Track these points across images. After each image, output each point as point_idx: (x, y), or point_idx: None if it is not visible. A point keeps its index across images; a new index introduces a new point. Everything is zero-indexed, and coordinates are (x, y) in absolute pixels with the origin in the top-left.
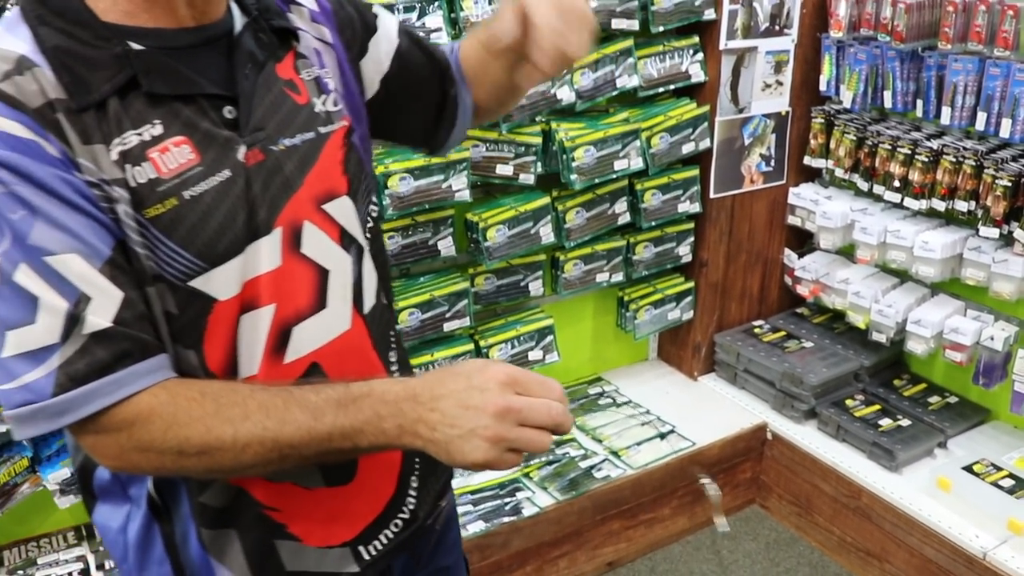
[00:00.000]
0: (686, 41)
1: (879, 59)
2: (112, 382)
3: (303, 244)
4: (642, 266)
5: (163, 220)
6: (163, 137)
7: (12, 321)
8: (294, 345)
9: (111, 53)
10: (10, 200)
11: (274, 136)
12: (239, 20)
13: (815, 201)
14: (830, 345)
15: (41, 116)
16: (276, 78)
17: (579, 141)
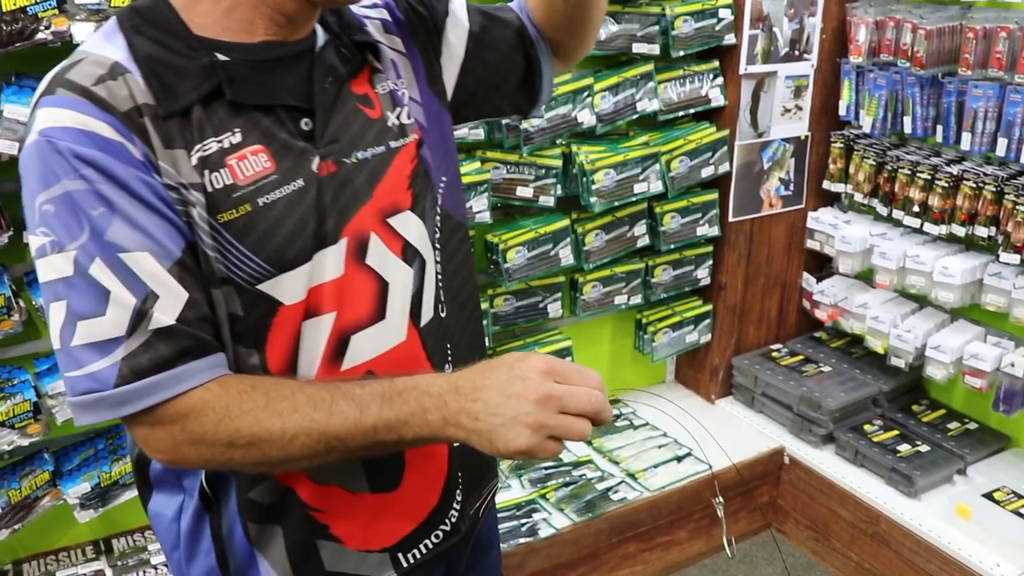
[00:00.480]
0: (706, 66)
1: (899, 85)
2: (171, 377)
3: (368, 255)
4: (660, 289)
5: (236, 225)
6: (242, 145)
7: (84, 312)
8: (351, 353)
9: (199, 63)
10: (93, 197)
11: (347, 149)
12: (321, 36)
13: (834, 225)
14: (848, 370)
15: (128, 119)
16: (352, 93)
17: (599, 164)
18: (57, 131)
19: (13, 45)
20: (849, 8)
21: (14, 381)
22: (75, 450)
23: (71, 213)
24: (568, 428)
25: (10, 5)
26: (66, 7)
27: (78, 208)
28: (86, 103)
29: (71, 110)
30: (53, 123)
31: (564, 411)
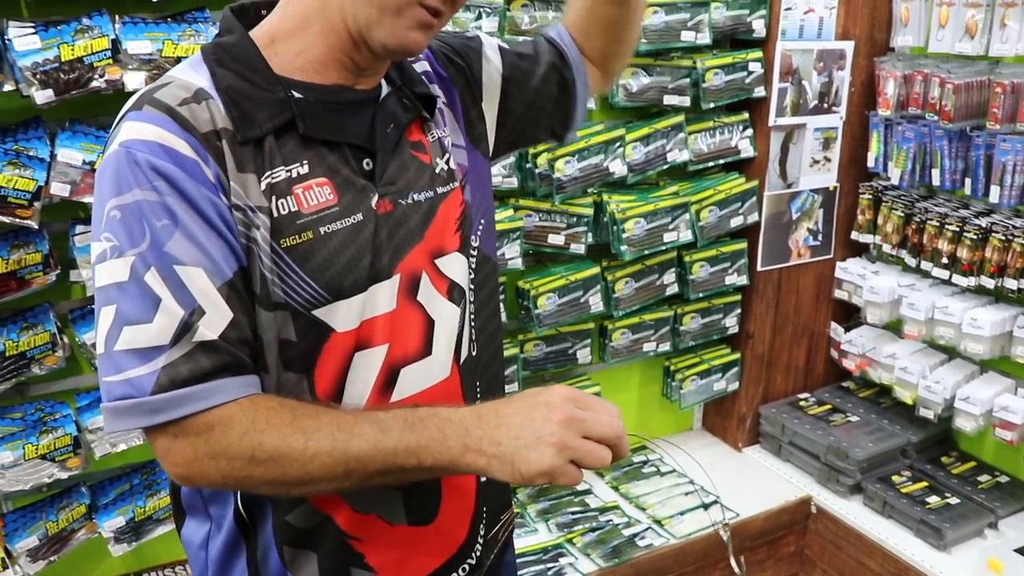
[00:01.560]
0: (736, 117)
1: (927, 137)
2: (207, 389)
3: (419, 292)
4: (689, 336)
5: (298, 250)
6: (308, 176)
7: (132, 317)
8: (401, 386)
9: (276, 97)
10: (160, 208)
11: (404, 191)
12: (385, 87)
13: (862, 276)
14: (876, 420)
15: (207, 140)
16: (407, 140)
17: (630, 213)
18: (138, 143)
19: (69, 93)
20: (877, 62)
21: (56, 415)
22: (111, 484)
23: (136, 221)
24: (590, 452)
25: (68, 55)
26: (119, 57)
27: (144, 217)
28: (169, 120)
29: (154, 125)
30: (135, 135)
31: (587, 435)
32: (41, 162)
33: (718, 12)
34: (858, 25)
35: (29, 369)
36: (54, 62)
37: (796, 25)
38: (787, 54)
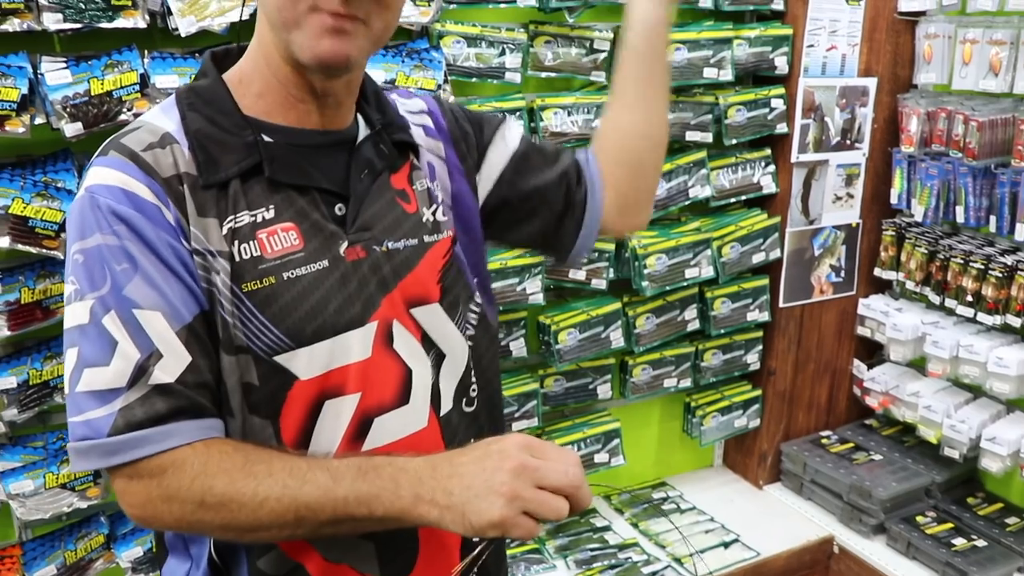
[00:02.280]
0: (758, 153)
1: (951, 175)
2: (162, 432)
3: (395, 341)
4: (710, 373)
5: (259, 295)
6: (274, 221)
7: (90, 359)
8: (373, 435)
9: (244, 141)
10: (120, 252)
11: (379, 237)
12: (363, 130)
13: (885, 313)
14: (900, 459)
15: (168, 185)
16: (389, 186)
17: (651, 249)
18: (101, 188)
19: (98, 125)
20: (900, 99)
21: None
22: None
23: (97, 264)
24: (543, 503)
25: (98, 89)
26: (147, 91)
27: (104, 261)
28: (132, 166)
29: (117, 170)
30: (100, 180)
31: (540, 485)
32: (69, 194)
33: (740, 49)
34: (881, 62)
35: (52, 398)
36: (84, 96)
37: (819, 62)
38: (810, 91)
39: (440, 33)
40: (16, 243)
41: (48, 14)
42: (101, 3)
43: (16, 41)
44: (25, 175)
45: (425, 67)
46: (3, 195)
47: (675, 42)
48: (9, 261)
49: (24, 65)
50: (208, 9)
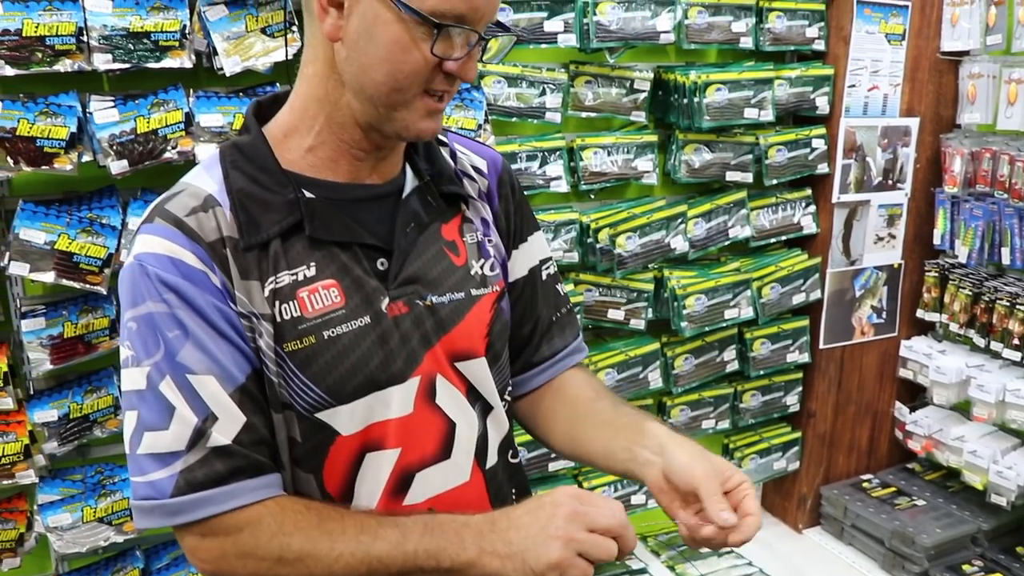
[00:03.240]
0: (799, 193)
1: (996, 215)
2: (224, 493)
3: (437, 395)
4: (749, 414)
5: (300, 355)
6: (315, 279)
7: (150, 424)
8: (414, 490)
9: (285, 199)
10: (170, 320)
11: (423, 292)
12: (411, 181)
13: (928, 355)
14: (944, 504)
15: (213, 250)
16: (439, 237)
17: (691, 289)
18: (149, 257)
19: (143, 163)
20: (943, 139)
21: (115, 479)
22: (165, 549)
23: (150, 332)
24: (595, 544)
25: (144, 127)
26: (192, 129)
27: (157, 328)
28: (177, 232)
29: (164, 238)
30: (147, 249)
31: (591, 528)
32: (113, 230)
33: (781, 89)
34: (923, 102)
35: (91, 431)
36: (130, 134)
37: (860, 102)
38: (851, 131)
39: (481, 73)
40: (61, 278)
41: (98, 55)
42: (149, 44)
43: (67, 81)
44: (71, 211)
45: (466, 107)
46: (49, 231)
47: (716, 83)
48: (53, 296)
49: (74, 104)
50: (253, 49)
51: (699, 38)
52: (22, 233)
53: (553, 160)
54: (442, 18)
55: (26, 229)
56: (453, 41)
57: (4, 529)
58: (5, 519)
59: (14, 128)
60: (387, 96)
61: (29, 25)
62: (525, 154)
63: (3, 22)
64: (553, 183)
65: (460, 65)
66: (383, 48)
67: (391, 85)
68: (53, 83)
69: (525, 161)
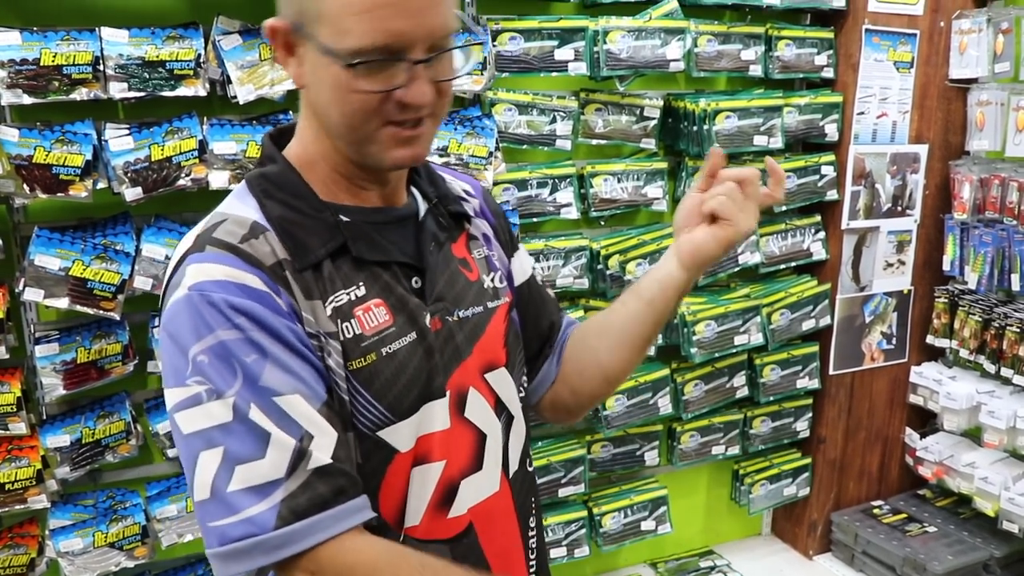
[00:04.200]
0: (808, 220)
1: (1006, 242)
2: (330, 517)
3: (467, 408)
4: (759, 440)
5: (364, 373)
6: (366, 298)
7: (242, 456)
8: (459, 502)
9: (325, 223)
10: (245, 344)
11: (451, 308)
12: (422, 206)
13: (938, 381)
14: (955, 531)
15: (274, 273)
16: (452, 256)
17: (700, 315)
18: (209, 284)
19: (157, 190)
20: (952, 166)
21: (126, 504)
22: (176, 574)
23: (225, 361)
24: None
25: (158, 155)
26: (205, 157)
27: (232, 355)
28: (235, 258)
29: (221, 264)
30: (205, 277)
31: None
32: (127, 256)
33: (790, 116)
34: (932, 129)
35: (103, 456)
36: (144, 161)
37: (869, 129)
38: (860, 158)
39: (492, 101)
40: (75, 304)
41: (114, 83)
42: (164, 72)
43: (83, 109)
44: (86, 238)
45: (477, 134)
46: (64, 257)
47: (726, 110)
48: (67, 321)
49: (89, 132)
50: (266, 78)
51: (709, 66)
52: (37, 259)
53: (563, 187)
54: (367, 53)
55: (41, 255)
56: (389, 71)
57: (16, 554)
58: (17, 544)
59: (31, 156)
60: (348, 135)
61: (47, 55)
62: (536, 181)
63: (22, 52)
64: (563, 210)
65: (407, 91)
66: (328, 91)
67: (346, 125)
68: (69, 111)
69: (536, 188)
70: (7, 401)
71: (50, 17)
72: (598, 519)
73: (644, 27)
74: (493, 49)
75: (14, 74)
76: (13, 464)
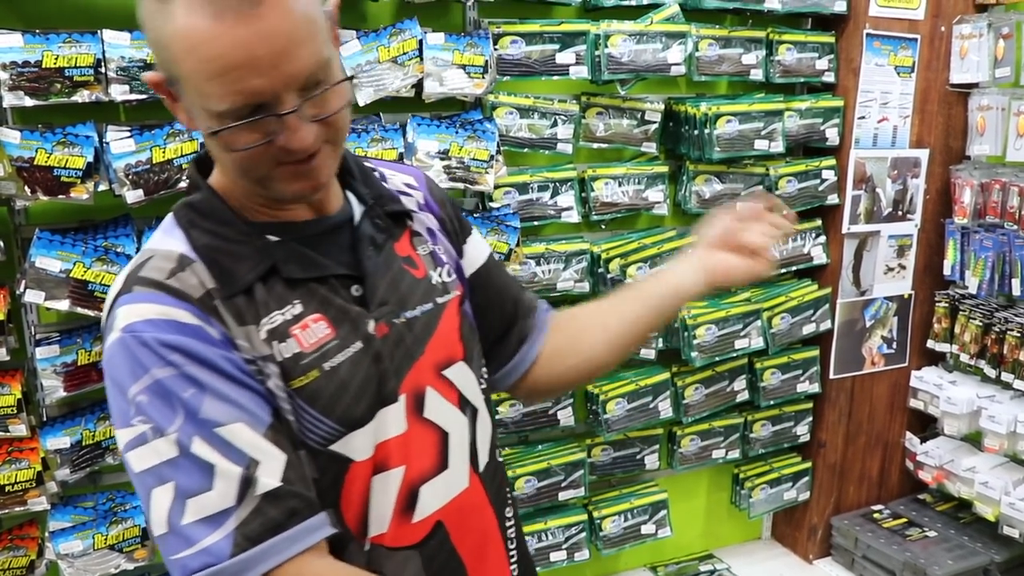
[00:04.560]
0: (809, 224)
1: (1006, 247)
2: (285, 539)
3: (426, 409)
4: (759, 444)
5: (307, 390)
6: (303, 315)
7: (191, 489)
8: (421, 505)
9: (252, 247)
10: (182, 380)
11: (396, 310)
12: (358, 209)
13: (939, 385)
14: (956, 536)
15: (203, 304)
16: (395, 256)
17: (701, 319)
18: (140, 324)
19: (158, 192)
20: (953, 170)
21: (126, 506)
22: None
23: (163, 399)
24: None
25: (159, 157)
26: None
27: (169, 393)
28: (163, 295)
29: (150, 303)
30: (136, 317)
31: None
32: (128, 258)
33: (791, 121)
34: (933, 133)
35: (103, 459)
36: (146, 164)
37: (870, 134)
38: (861, 162)
39: (493, 104)
40: (75, 306)
41: (116, 86)
42: None
43: (84, 111)
44: (87, 240)
45: (478, 138)
46: (65, 259)
47: (727, 114)
48: (68, 323)
49: (91, 134)
50: None
51: (710, 70)
52: (38, 261)
53: (564, 191)
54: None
55: (42, 257)
56: (261, 125)
57: (15, 556)
58: (16, 546)
59: (32, 158)
60: (243, 177)
61: (49, 57)
62: (536, 184)
63: (24, 54)
64: (564, 213)
65: (287, 139)
66: (213, 145)
67: (236, 171)
68: (71, 114)
69: (536, 192)
70: (7, 403)
71: (52, 20)
72: (598, 523)
73: (645, 31)
74: (494, 53)
75: (16, 76)
76: (13, 466)
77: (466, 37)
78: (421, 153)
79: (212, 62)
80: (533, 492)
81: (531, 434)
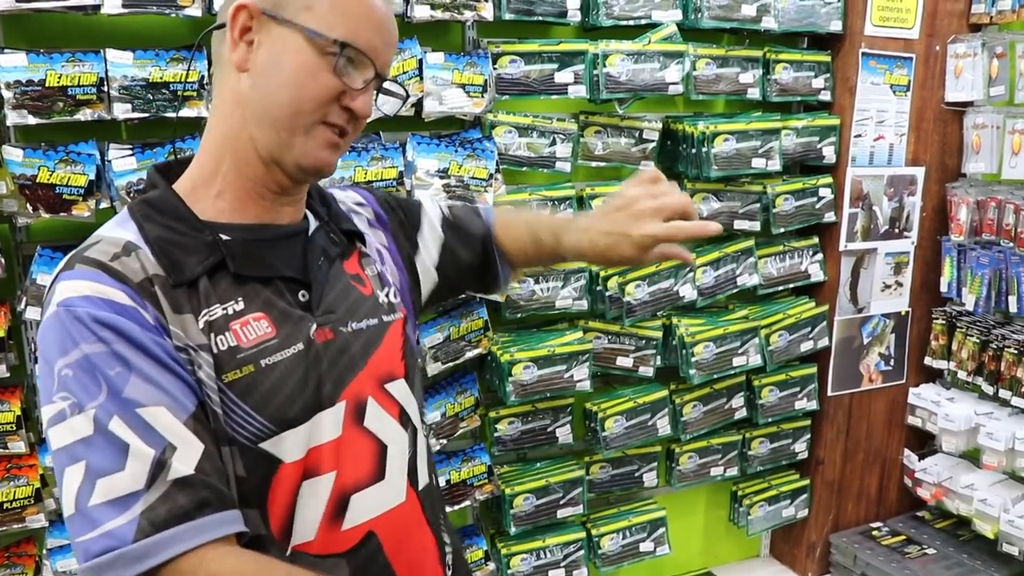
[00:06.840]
0: (806, 242)
1: (1003, 264)
2: (191, 528)
3: (366, 418)
4: (757, 461)
5: (240, 384)
6: (244, 312)
7: (102, 469)
8: (352, 513)
9: (203, 241)
10: (110, 357)
11: (344, 319)
12: (313, 223)
13: (936, 402)
14: (955, 553)
15: (141, 288)
16: (343, 272)
17: (699, 337)
18: (76, 299)
19: None
20: (949, 188)
21: None
22: None
23: (89, 374)
24: None
25: None
26: None
27: (96, 369)
28: (102, 275)
29: (89, 280)
30: (72, 293)
31: None
32: None
33: (788, 139)
34: (929, 152)
35: None
36: None
37: (866, 152)
38: (857, 180)
39: (492, 123)
40: None
41: (118, 104)
42: (168, 94)
43: (86, 129)
44: None
45: (477, 156)
46: None
47: (724, 133)
48: None
49: (93, 152)
50: None
51: (707, 89)
52: (39, 278)
53: (563, 209)
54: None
55: (43, 275)
56: (353, 72)
57: (13, 574)
58: (14, 563)
59: (34, 175)
60: (289, 120)
61: (52, 76)
62: (535, 203)
63: (28, 73)
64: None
65: (357, 97)
66: (289, 73)
67: (294, 107)
68: (73, 132)
69: (535, 210)
70: (6, 420)
71: (55, 39)
72: (596, 540)
73: (643, 51)
74: (494, 72)
75: (20, 95)
76: (12, 483)
77: (465, 57)
78: (421, 171)
79: (363, 5)
80: (532, 510)
81: (529, 451)
